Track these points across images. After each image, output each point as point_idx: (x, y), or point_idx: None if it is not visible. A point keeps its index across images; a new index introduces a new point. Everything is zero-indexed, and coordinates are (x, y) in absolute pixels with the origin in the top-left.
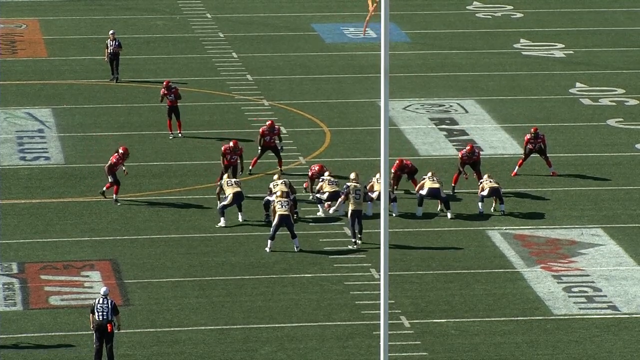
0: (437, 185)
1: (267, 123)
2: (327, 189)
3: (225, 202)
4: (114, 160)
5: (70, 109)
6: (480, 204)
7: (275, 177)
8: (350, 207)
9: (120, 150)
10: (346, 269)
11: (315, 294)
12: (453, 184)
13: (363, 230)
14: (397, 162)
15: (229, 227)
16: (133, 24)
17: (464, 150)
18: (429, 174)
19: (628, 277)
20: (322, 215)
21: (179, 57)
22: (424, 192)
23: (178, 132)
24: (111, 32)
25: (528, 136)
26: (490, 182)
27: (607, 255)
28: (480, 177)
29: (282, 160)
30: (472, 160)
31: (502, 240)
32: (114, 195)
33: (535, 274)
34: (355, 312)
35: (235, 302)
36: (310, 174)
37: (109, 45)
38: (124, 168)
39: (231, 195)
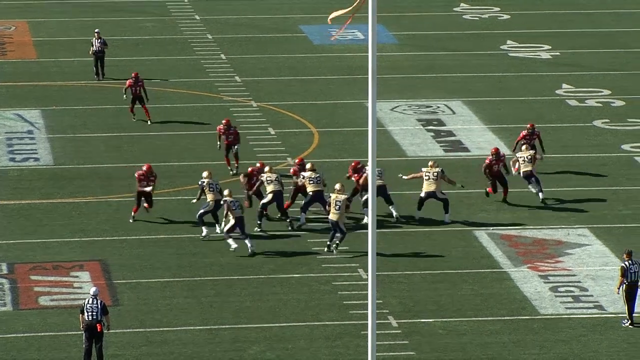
0: (432, 188)
1: (223, 121)
2: (310, 188)
3: (206, 209)
4: (138, 176)
5: (60, 110)
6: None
7: (267, 169)
8: (330, 216)
9: (144, 168)
10: (334, 270)
11: (304, 294)
12: (491, 192)
13: (344, 239)
14: (354, 163)
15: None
16: (122, 26)
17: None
18: (430, 163)
19: (614, 277)
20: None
21: (168, 59)
22: (423, 195)
23: (148, 119)
24: (96, 30)
25: (524, 132)
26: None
27: (594, 255)
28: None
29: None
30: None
31: (489, 240)
32: (133, 214)
33: (522, 274)
34: (343, 312)
35: (224, 303)
36: (291, 170)
37: (94, 43)
38: (151, 184)
39: (213, 202)
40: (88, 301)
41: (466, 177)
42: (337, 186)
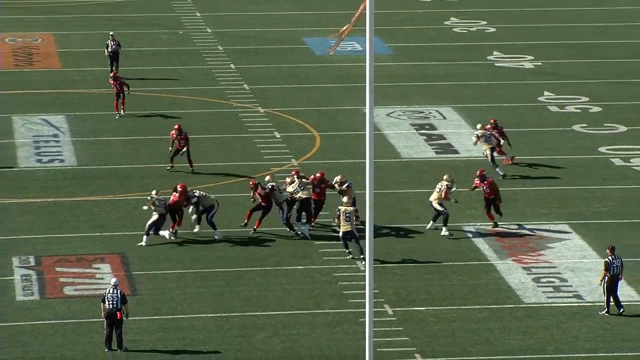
0: (431, 198)
1: (175, 127)
2: (298, 196)
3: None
4: (175, 199)
5: (82, 115)
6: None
7: (268, 177)
8: (342, 229)
9: (179, 188)
10: (334, 262)
11: (306, 284)
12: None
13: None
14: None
15: (228, 224)
16: (140, 38)
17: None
18: (445, 177)
19: (592, 268)
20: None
21: (182, 69)
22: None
23: (122, 110)
24: (111, 33)
25: (488, 126)
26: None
27: (573, 249)
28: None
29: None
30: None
31: (477, 235)
32: (171, 229)
33: (507, 266)
34: (343, 301)
35: (233, 292)
36: (287, 181)
37: (109, 44)
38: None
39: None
40: (109, 291)
41: (455, 176)
42: (344, 199)
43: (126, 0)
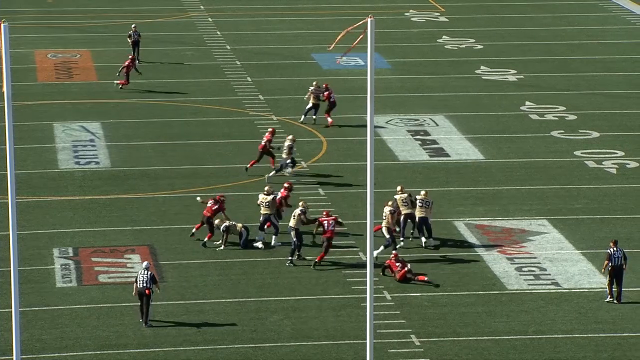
0: (418, 214)
1: (270, 130)
2: (262, 211)
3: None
4: (211, 209)
5: (116, 122)
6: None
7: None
8: (417, 214)
9: (221, 198)
10: (339, 252)
11: (314, 272)
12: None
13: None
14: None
15: (245, 219)
16: (166, 54)
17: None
18: (390, 202)
19: (568, 259)
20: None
21: (204, 81)
22: (417, 220)
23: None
24: (133, 25)
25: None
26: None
27: (551, 242)
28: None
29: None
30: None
31: (466, 229)
32: (206, 239)
33: (493, 257)
34: (347, 287)
35: (249, 280)
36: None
37: (131, 35)
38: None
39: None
40: (140, 272)
41: (447, 177)
42: (397, 196)
43: (155, 21)
